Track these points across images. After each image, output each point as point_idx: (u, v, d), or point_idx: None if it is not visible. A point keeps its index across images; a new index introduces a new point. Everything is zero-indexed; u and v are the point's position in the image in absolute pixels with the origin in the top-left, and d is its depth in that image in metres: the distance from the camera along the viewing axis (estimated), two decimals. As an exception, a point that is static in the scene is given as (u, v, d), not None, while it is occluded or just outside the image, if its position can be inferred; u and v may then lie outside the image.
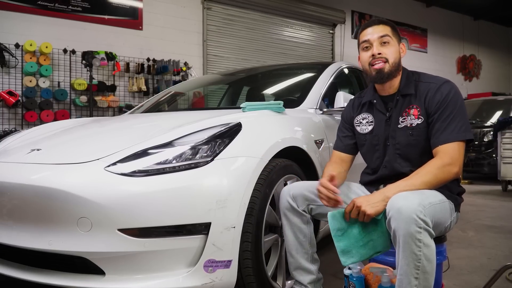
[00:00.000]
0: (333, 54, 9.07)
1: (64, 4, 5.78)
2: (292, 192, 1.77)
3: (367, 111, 1.87)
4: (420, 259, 1.36)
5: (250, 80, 3.63)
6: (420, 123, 1.69)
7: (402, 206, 1.37)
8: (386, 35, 1.73)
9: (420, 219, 1.36)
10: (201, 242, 1.59)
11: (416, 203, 1.38)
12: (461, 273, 2.34)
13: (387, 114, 1.78)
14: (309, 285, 1.80)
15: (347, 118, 1.96)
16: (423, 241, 1.36)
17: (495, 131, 5.97)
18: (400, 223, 1.36)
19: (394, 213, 1.39)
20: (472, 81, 12.48)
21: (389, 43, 1.73)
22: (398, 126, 1.74)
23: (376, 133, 1.81)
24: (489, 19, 12.82)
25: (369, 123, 1.85)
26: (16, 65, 5.29)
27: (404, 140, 1.72)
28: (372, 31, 1.75)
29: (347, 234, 1.54)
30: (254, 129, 1.92)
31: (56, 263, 1.64)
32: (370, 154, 1.85)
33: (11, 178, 1.71)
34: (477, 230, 3.42)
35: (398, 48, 1.77)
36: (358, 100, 1.94)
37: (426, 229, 1.37)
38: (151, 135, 1.85)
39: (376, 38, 1.73)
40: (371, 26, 1.77)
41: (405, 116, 1.73)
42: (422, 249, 1.36)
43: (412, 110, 1.71)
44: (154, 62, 6.39)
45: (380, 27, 1.75)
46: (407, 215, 1.36)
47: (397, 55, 1.75)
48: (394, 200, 1.43)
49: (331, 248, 2.83)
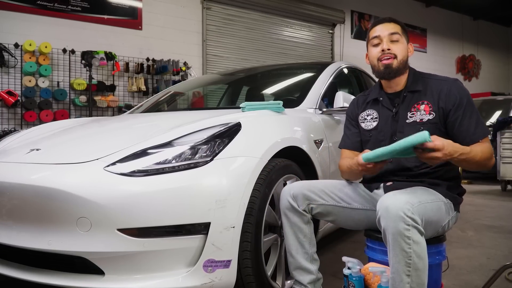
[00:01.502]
0: (332, 54, 9.07)
1: (64, 4, 5.77)
2: (292, 192, 1.77)
3: (371, 108, 1.89)
4: (410, 256, 1.38)
5: (249, 80, 3.63)
6: (431, 118, 1.71)
7: (390, 204, 1.40)
8: (396, 33, 1.77)
9: (408, 216, 1.38)
10: (201, 242, 1.59)
11: (403, 202, 1.41)
12: (460, 273, 2.35)
13: (393, 110, 1.79)
14: (309, 285, 1.80)
15: (352, 115, 1.97)
16: (412, 238, 1.38)
17: (494, 131, 5.97)
18: (389, 221, 1.39)
19: (383, 212, 1.42)
20: (471, 81, 12.48)
21: (398, 41, 1.77)
22: (407, 121, 1.75)
23: (382, 129, 1.82)
24: (488, 19, 12.83)
25: (373, 119, 1.86)
26: (15, 65, 5.28)
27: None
28: (382, 28, 1.79)
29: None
30: (254, 129, 1.92)
31: (56, 263, 1.64)
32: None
33: (10, 178, 1.71)
34: (477, 230, 3.43)
35: (407, 47, 1.81)
36: (363, 98, 1.96)
37: (415, 226, 1.39)
38: (150, 135, 1.85)
39: (387, 34, 1.77)
40: (383, 23, 1.81)
41: (414, 112, 1.75)
42: (412, 246, 1.38)
43: (422, 105, 1.74)
44: (154, 62, 6.39)
45: (391, 25, 1.79)
46: (394, 213, 1.38)
47: (406, 53, 1.79)
48: (383, 199, 1.46)
49: (330, 248, 2.83)
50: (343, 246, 2.92)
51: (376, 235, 1.71)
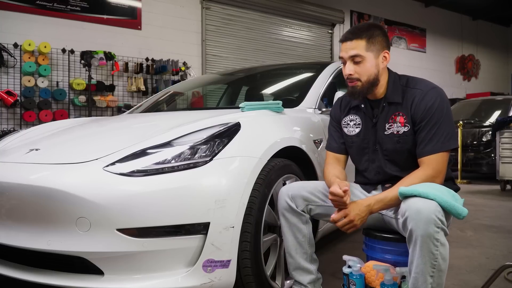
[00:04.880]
0: (332, 54, 9.08)
1: (63, 4, 5.77)
2: (290, 193, 1.77)
3: (355, 113, 1.86)
4: (436, 258, 1.40)
5: (249, 80, 3.62)
6: (406, 130, 1.69)
7: (421, 206, 1.40)
8: (357, 55, 1.68)
9: (439, 219, 1.39)
10: (200, 242, 1.58)
11: (434, 204, 1.41)
12: (459, 273, 2.35)
13: (373, 120, 1.78)
14: (309, 285, 1.80)
15: (335, 117, 1.95)
16: (440, 240, 1.40)
17: (493, 131, 5.98)
18: (419, 223, 1.39)
19: (413, 214, 1.41)
20: (470, 81, 12.50)
21: (362, 61, 1.68)
22: (385, 133, 1.74)
23: (365, 137, 1.81)
24: (487, 19, 12.84)
25: (356, 125, 1.84)
26: (14, 65, 5.28)
27: (391, 146, 1.73)
28: (345, 48, 1.71)
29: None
30: (253, 129, 1.92)
31: (55, 263, 1.64)
32: (359, 157, 1.85)
33: (9, 178, 1.71)
34: (476, 230, 3.43)
35: (375, 62, 1.70)
36: (346, 100, 1.92)
37: (443, 228, 1.41)
38: (149, 135, 1.85)
39: (347, 57, 1.71)
40: (345, 42, 1.72)
41: (391, 123, 1.73)
42: (439, 248, 1.40)
43: (398, 117, 1.71)
44: (153, 62, 6.39)
45: (353, 43, 1.68)
46: (426, 216, 1.39)
47: (373, 70, 1.70)
48: (412, 201, 1.45)
49: (329, 248, 2.83)
50: (342, 245, 2.92)
51: (375, 233, 1.71)
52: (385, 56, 1.73)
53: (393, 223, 1.65)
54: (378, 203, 1.59)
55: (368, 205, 1.59)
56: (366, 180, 1.84)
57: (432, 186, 1.50)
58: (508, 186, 5.84)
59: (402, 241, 1.54)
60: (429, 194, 1.43)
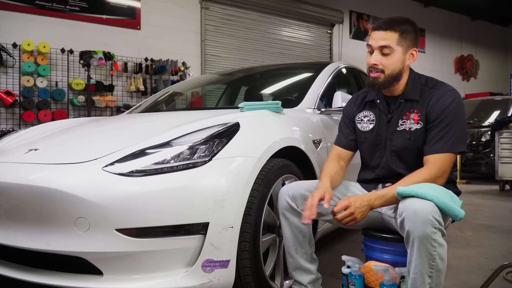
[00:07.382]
0: (331, 54, 9.08)
1: (62, 4, 5.76)
2: (291, 192, 1.77)
3: (369, 109, 1.87)
4: (434, 258, 1.40)
5: (248, 80, 3.63)
6: (418, 128, 1.70)
7: (418, 207, 1.40)
8: (387, 47, 1.67)
9: (436, 219, 1.39)
10: (199, 242, 1.58)
11: (431, 205, 1.41)
12: (458, 273, 2.35)
13: (388, 115, 1.78)
14: (309, 285, 1.80)
15: (349, 114, 1.95)
16: (438, 241, 1.40)
17: (492, 131, 5.98)
18: (416, 224, 1.39)
19: (410, 215, 1.41)
20: (469, 81, 12.51)
21: (390, 53, 1.67)
22: (397, 128, 1.74)
23: (379, 133, 1.81)
24: (486, 19, 12.85)
25: (370, 121, 1.85)
26: (13, 65, 5.27)
27: (401, 143, 1.73)
28: (375, 37, 1.69)
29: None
30: (252, 129, 1.92)
31: (54, 263, 1.64)
32: (370, 153, 1.85)
33: (8, 178, 1.71)
34: (475, 230, 3.43)
35: (403, 57, 1.70)
36: (361, 97, 1.93)
37: (440, 229, 1.41)
38: (149, 135, 1.85)
39: (377, 46, 1.69)
40: (378, 31, 1.69)
41: (405, 119, 1.73)
42: (437, 248, 1.40)
43: (412, 114, 1.72)
44: (152, 62, 6.39)
45: (386, 34, 1.67)
46: (423, 216, 1.39)
47: (398, 65, 1.69)
48: (409, 201, 1.45)
49: (328, 248, 2.83)
50: (342, 245, 2.92)
51: (374, 233, 1.71)
52: (413, 54, 1.73)
53: (393, 222, 1.65)
54: (379, 198, 1.58)
55: (369, 199, 1.58)
56: (372, 177, 1.84)
57: (430, 186, 1.50)
58: (507, 186, 5.85)
59: (401, 241, 1.54)
60: (427, 195, 1.43)
